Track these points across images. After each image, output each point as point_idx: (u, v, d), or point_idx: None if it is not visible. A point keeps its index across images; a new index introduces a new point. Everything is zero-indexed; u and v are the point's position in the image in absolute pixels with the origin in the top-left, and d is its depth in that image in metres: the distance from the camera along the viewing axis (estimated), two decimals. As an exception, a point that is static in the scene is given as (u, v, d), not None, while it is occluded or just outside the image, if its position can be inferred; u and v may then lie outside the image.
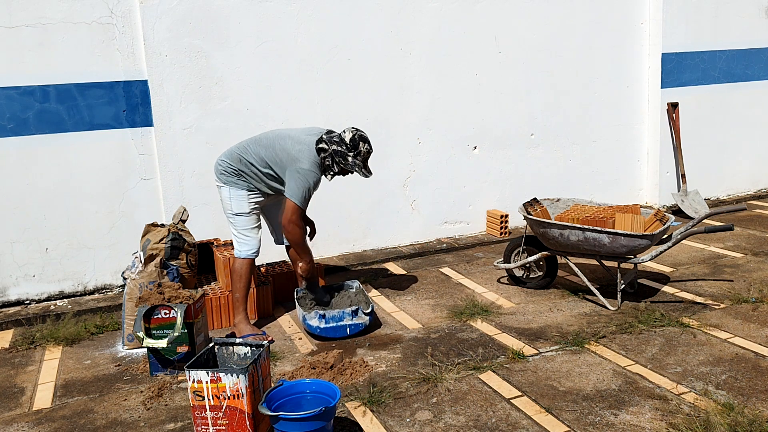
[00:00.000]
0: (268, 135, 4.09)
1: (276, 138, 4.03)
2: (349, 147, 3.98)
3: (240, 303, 4.08)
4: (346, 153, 3.97)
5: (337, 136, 4.00)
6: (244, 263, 4.07)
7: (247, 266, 4.08)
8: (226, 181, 4.05)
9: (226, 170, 4.04)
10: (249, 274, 4.09)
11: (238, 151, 4.04)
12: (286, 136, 4.02)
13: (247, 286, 4.08)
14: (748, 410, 2.99)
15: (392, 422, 3.06)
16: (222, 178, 4.07)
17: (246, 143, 4.08)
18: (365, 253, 5.66)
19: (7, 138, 4.56)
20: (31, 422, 3.24)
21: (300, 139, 3.97)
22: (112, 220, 4.89)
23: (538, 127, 6.20)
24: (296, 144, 3.95)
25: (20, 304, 4.77)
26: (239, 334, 4.04)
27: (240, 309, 4.09)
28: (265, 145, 4.01)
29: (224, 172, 4.05)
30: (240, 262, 4.07)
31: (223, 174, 4.06)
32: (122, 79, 4.76)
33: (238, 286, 4.06)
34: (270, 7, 5.07)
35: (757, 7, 6.90)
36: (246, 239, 4.09)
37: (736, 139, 7.08)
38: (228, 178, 4.04)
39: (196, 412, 2.87)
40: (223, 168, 4.05)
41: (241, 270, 4.06)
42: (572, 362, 3.59)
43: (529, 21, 5.98)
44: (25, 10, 4.46)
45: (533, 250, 4.69)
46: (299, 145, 3.94)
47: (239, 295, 4.07)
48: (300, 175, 3.89)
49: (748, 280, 4.72)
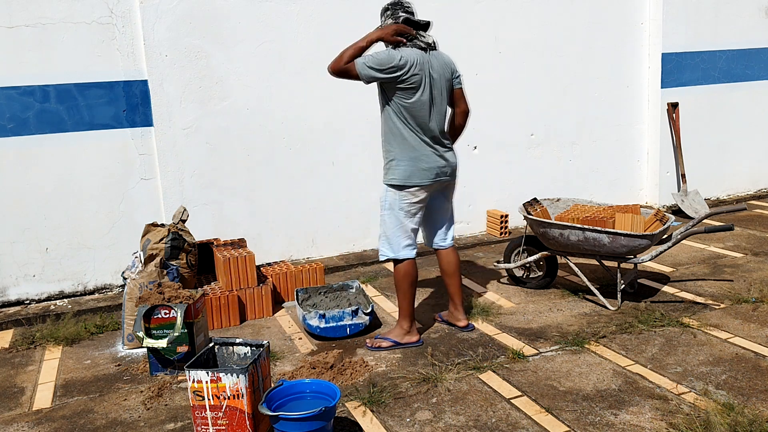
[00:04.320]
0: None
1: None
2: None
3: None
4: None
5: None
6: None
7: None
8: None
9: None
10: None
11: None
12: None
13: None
14: (748, 410, 2.99)
15: (392, 422, 3.06)
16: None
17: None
18: (365, 253, 5.66)
19: (7, 138, 4.56)
20: (31, 422, 3.24)
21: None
22: (112, 220, 4.89)
23: (538, 127, 6.20)
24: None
25: (20, 304, 4.77)
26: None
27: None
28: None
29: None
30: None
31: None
32: (122, 79, 4.76)
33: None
34: (270, 7, 5.07)
35: (757, 7, 6.90)
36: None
37: (736, 139, 7.08)
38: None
39: (196, 412, 2.87)
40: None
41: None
42: (572, 362, 3.59)
43: (529, 21, 5.98)
44: (25, 10, 4.47)
45: (533, 250, 4.69)
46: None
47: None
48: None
49: (748, 280, 4.71)
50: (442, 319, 4.19)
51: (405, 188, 3.70)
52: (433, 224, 3.98)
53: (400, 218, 3.76)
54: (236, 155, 5.14)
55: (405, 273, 3.80)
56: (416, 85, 3.59)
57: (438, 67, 3.70)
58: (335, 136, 5.43)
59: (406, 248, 3.79)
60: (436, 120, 3.70)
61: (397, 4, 3.73)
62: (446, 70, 3.75)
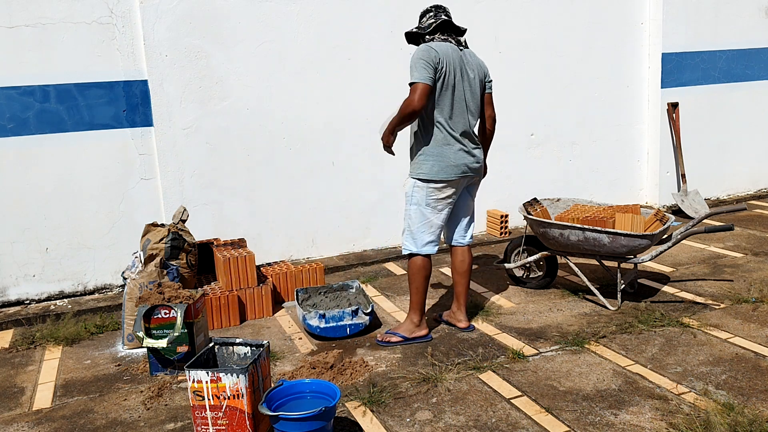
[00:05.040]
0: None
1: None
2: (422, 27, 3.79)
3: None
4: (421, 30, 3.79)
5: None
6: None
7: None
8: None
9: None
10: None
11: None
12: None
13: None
14: (748, 410, 2.99)
15: (392, 422, 3.06)
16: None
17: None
18: (365, 253, 5.66)
19: (7, 138, 4.56)
20: (31, 422, 3.24)
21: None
22: (112, 220, 4.89)
23: (538, 127, 6.20)
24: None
25: (20, 304, 4.77)
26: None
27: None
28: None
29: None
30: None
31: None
32: (122, 79, 4.76)
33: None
34: (270, 7, 5.07)
35: (757, 7, 6.90)
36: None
37: (736, 139, 7.08)
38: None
39: (196, 412, 2.87)
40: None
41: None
42: (572, 362, 3.59)
43: (529, 21, 5.98)
44: (25, 10, 4.47)
45: (533, 250, 4.69)
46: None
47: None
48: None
49: (748, 280, 4.72)
50: (443, 319, 4.19)
51: (432, 183, 3.71)
52: (456, 221, 3.98)
53: (426, 213, 3.76)
54: (236, 155, 5.14)
55: (421, 267, 3.82)
56: (448, 79, 3.61)
57: (474, 65, 3.74)
58: (335, 136, 5.43)
59: (429, 245, 3.81)
60: (466, 116, 3.72)
61: (439, 7, 3.79)
62: (481, 72, 3.80)
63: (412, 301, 3.90)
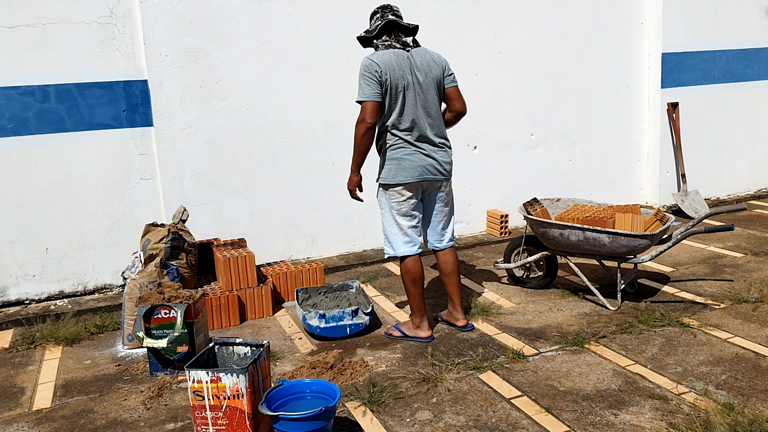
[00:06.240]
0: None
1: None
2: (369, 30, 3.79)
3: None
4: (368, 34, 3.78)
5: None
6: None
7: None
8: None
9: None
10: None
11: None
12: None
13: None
14: (748, 410, 2.99)
15: (392, 422, 3.06)
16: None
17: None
18: (365, 253, 5.66)
19: (7, 138, 4.56)
20: (31, 422, 3.24)
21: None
22: (112, 220, 4.89)
23: (538, 127, 6.20)
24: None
25: (20, 304, 4.77)
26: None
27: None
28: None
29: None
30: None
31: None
32: (122, 79, 4.76)
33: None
34: (270, 7, 5.07)
35: (757, 7, 6.90)
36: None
37: (736, 139, 7.08)
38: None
39: (196, 412, 2.87)
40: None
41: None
42: (572, 362, 3.59)
43: (529, 21, 5.98)
44: (25, 10, 4.47)
45: (533, 250, 4.69)
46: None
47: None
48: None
49: (748, 280, 4.72)
50: (442, 318, 4.19)
51: (390, 187, 3.76)
52: (427, 225, 4.00)
53: (394, 216, 3.83)
54: (236, 155, 5.14)
55: (405, 270, 3.88)
56: (394, 88, 3.61)
57: (423, 65, 3.69)
58: (335, 136, 5.43)
59: (405, 245, 3.85)
60: (421, 120, 3.71)
61: (386, 7, 3.77)
62: (434, 68, 3.73)
63: (409, 305, 3.97)
